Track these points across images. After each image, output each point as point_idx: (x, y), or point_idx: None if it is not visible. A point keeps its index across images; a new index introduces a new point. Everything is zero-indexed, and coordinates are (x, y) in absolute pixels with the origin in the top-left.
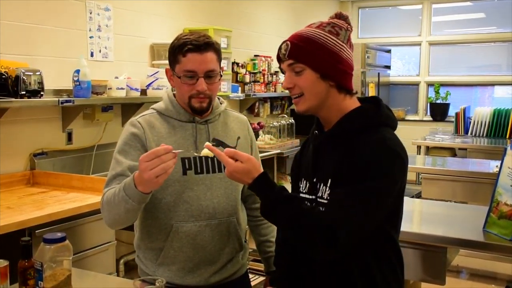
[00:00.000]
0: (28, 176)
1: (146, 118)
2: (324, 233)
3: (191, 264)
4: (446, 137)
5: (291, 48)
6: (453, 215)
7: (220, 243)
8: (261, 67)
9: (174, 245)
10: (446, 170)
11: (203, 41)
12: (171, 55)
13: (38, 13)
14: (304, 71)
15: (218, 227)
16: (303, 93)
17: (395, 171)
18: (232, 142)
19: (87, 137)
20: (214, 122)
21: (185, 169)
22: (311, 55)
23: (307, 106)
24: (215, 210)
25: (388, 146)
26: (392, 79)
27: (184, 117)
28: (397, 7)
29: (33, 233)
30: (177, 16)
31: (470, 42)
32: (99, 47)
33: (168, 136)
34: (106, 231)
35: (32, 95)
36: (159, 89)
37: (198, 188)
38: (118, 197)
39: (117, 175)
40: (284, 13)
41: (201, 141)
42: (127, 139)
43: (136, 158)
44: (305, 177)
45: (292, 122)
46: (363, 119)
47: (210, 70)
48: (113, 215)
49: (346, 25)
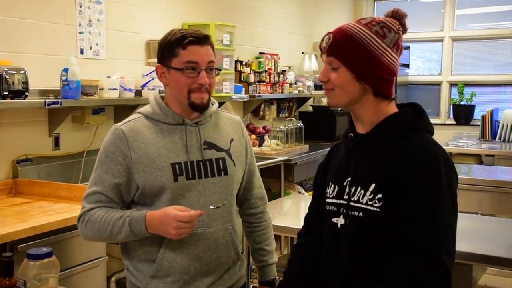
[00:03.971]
0: (11, 185)
1: (131, 124)
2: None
3: (186, 276)
4: (471, 143)
5: (332, 43)
6: (480, 229)
7: (216, 252)
8: (267, 65)
9: (168, 256)
10: (471, 179)
11: (202, 34)
12: (166, 51)
13: (22, 6)
14: (340, 68)
15: (213, 235)
16: (334, 88)
17: (455, 184)
18: (225, 145)
19: (76, 142)
20: (205, 124)
21: (176, 175)
22: (349, 56)
23: (336, 101)
24: (210, 217)
25: (442, 157)
26: (411, 79)
27: (172, 120)
28: (417, 0)
29: (15, 248)
30: (175, 10)
31: (497, 38)
32: (89, 43)
33: (156, 141)
34: (96, 246)
35: (16, 96)
36: (155, 89)
37: (191, 194)
38: (117, 227)
39: (98, 192)
40: (292, 6)
41: (191, 144)
42: (108, 150)
43: (117, 173)
44: (334, 181)
45: (301, 126)
46: (407, 123)
47: (211, 61)
48: (99, 236)
49: (398, 26)
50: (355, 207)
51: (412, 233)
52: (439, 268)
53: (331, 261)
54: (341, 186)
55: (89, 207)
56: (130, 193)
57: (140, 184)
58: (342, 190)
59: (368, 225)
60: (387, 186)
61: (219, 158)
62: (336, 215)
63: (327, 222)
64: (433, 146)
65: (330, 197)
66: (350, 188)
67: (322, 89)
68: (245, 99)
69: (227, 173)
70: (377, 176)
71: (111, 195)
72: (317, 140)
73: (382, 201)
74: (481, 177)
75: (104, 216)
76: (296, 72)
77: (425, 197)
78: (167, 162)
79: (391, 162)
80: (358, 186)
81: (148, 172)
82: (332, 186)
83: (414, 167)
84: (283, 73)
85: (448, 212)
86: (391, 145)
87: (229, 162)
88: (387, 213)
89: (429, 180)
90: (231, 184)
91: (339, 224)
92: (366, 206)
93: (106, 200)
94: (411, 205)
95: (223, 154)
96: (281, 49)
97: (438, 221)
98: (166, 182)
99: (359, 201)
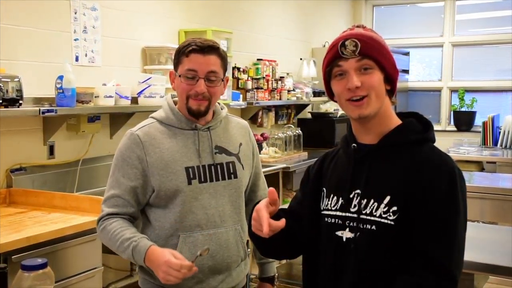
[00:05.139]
0: (4, 195)
1: (145, 130)
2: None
3: (200, 274)
4: (472, 149)
5: (362, 45)
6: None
7: (228, 251)
8: (265, 72)
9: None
10: (472, 187)
11: (208, 44)
12: (176, 57)
13: (16, 12)
14: (373, 69)
15: (224, 235)
16: (369, 94)
17: (466, 195)
18: (235, 149)
19: (71, 151)
20: (216, 129)
21: (190, 178)
22: (380, 53)
23: (371, 109)
24: (221, 218)
25: (457, 168)
26: (411, 85)
27: (185, 125)
28: (416, 5)
29: (9, 259)
30: (172, 16)
31: (498, 43)
32: (85, 50)
33: (170, 146)
34: (91, 256)
35: (10, 104)
36: (151, 97)
37: (203, 197)
38: (123, 247)
39: (116, 196)
40: (290, 12)
41: (203, 149)
42: (125, 155)
43: (134, 177)
44: (336, 193)
45: (300, 133)
46: (418, 135)
47: (211, 71)
48: (110, 246)
49: None
50: (367, 220)
51: (425, 245)
52: (447, 281)
53: (337, 274)
54: (347, 198)
55: (107, 211)
56: (146, 196)
57: (156, 187)
58: (348, 203)
59: (381, 238)
60: (403, 199)
61: (229, 162)
62: (341, 228)
63: (328, 235)
64: (448, 158)
65: (332, 209)
66: (361, 201)
67: (320, 95)
68: (243, 106)
69: (236, 176)
70: (392, 188)
71: (128, 198)
72: (316, 147)
73: (397, 214)
74: (482, 185)
75: (117, 230)
76: (295, 78)
77: (442, 210)
78: (181, 166)
79: (408, 174)
80: (371, 199)
81: (163, 176)
82: (334, 198)
83: (433, 179)
84: (281, 80)
85: (461, 225)
86: (405, 156)
87: (238, 166)
88: (401, 226)
89: (447, 193)
90: (240, 187)
91: (345, 237)
92: (379, 219)
93: (124, 204)
94: (427, 217)
95: (233, 158)
96: (279, 55)
97: (452, 234)
98: (180, 185)
99: (372, 213)
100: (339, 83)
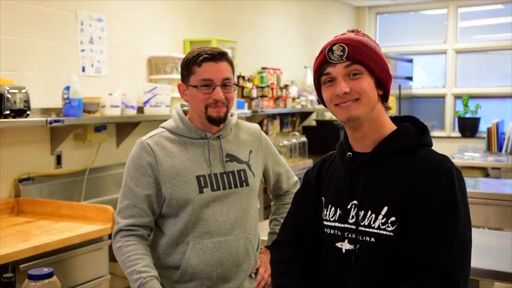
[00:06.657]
0: (12, 204)
1: (155, 139)
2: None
3: (209, 282)
4: (477, 155)
5: (350, 49)
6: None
7: (237, 259)
8: (270, 80)
9: (192, 262)
10: (477, 193)
11: (217, 51)
12: (185, 68)
13: (24, 24)
14: (362, 74)
15: (234, 243)
16: (360, 98)
17: (467, 195)
18: (245, 157)
19: (78, 160)
20: (226, 137)
21: (201, 187)
22: (369, 57)
23: (361, 112)
24: (232, 226)
25: (454, 169)
26: (415, 92)
27: (195, 134)
28: (419, 12)
29: (16, 268)
30: (177, 26)
31: (502, 49)
32: (91, 61)
33: (180, 155)
34: (98, 264)
35: (18, 115)
36: (157, 106)
37: (214, 204)
38: (132, 278)
39: (131, 205)
40: (294, 21)
41: (214, 157)
42: (137, 164)
43: (147, 185)
44: (334, 204)
45: (305, 141)
46: (413, 140)
47: (226, 78)
48: (121, 267)
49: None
50: (366, 232)
51: (425, 248)
52: (448, 282)
53: (339, 285)
54: (345, 209)
55: (124, 223)
56: (159, 204)
57: (167, 195)
58: (346, 214)
59: (381, 250)
60: (401, 207)
61: (240, 170)
62: (340, 240)
63: (328, 246)
64: (445, 158)
65: (331, 220)
66: (358, 212)
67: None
68: (248, 114)
69: (248, 184)
70: (390, 198)
71: (143, 207)
72: (321, 154)
73: (395, 224)
74: (487, 191)
75: (132, 257)
76: (299, 86)
77: (441, 213)
78: (192, 174)
79: (405, 182)
80: (368, 210)
81: (174, 184)
82: (333, 208)
83: (431, 182)
84: (285, 88)
85: (464, 227)
86: (400, 164)
87: (249, 173)
88: (401, 236)
89: (446, 194)
90: (251, 194)
91: (344, 249)
92: (378, 230)
93: (139, 213)
94: (427, 222)
95: (244, 166)
96: (283, 64)
97: (451, 234)
98: (192, 194)
99: (370, 225)
100: (328, 90)
